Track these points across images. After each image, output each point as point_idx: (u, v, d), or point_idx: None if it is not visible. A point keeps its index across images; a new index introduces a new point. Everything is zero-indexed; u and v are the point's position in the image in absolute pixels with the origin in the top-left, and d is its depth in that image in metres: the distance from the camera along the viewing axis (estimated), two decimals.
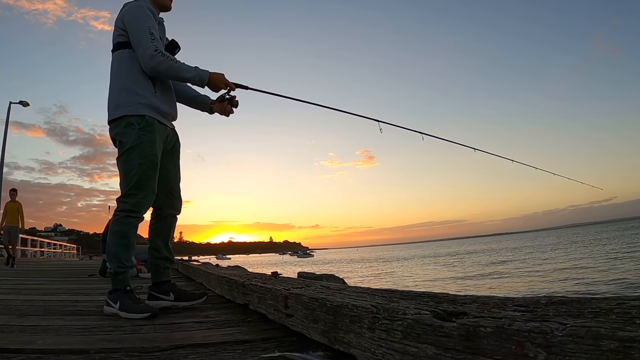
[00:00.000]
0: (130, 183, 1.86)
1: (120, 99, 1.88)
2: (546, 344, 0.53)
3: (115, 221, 1.89)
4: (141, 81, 1.89)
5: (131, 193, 1.86)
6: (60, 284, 3.92)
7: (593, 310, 0.60)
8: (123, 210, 1.88)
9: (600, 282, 11.29)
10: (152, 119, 1.89)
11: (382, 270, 25.61)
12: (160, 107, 1.93)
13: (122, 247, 1.87)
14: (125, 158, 1.87)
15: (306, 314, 1.13)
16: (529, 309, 0.67)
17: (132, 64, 1.88)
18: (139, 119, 1.86)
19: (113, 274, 1.88)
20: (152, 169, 1.88)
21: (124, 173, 1.88)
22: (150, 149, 1.87)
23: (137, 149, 1.85)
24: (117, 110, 1.88)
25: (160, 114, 1.94)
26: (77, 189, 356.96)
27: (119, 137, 1.88)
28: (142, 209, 1.91)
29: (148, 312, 1.74)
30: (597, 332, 0.49)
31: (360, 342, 0.87)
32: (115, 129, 1.89)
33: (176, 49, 2.07)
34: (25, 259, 15.21)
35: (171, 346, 1.22)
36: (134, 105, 1.86)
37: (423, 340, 0.70)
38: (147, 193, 1.88)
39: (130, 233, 1.89)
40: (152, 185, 1.90)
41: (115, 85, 1.91)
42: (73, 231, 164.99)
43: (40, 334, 1.41)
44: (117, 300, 1.81)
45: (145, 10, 1.90)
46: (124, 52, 1.91)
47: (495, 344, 0.59)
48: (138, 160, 1.85)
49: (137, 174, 1.85)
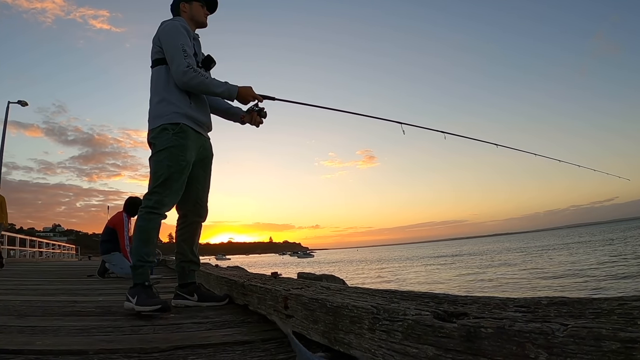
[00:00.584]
0: (157, 182, 1.97)
1: (159, 110, 2.03)
2: (547, 345, 0.53)
3: (138, 217, 2.00)
4: (178, 94, 2.03)
5: (155, 191, 1.97)
6: (59, 284, 3.92)
7: (594, 311, 0.60)
8: (146, 207, 1.98)
9: (601, 282, 11.28)
10: (187, 127, 2.02)
11: (383, 270, 25.61)
12: (196, 116, 2.07)
13: (142, 242, 1.96)
14: (155, 159, 2.01)
15: (306, 315, 1.13)
16: (530, 310, 0.67)
17: (169, 78, 2.03)
18: (174, 126, 2.00)
19: (132, 267, 1.96)
20: (180, 172, 1.99)
21: (153, 172, 2.01)
22: (180, 153, 1.99)
23: (167, 151, 1.97)
24: (156, 120, 2.03)
25: (195, 123, 2.07)
26: (75, 189, 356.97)
27: (153, 140, 2.02)
28: (164, 207, 2.00)
29: (159, 304, 1.81)
30: (598, 333, 0.49)
31: (360, 343, 0.87)
32: (151, 134, 2.04)
33: (212, 64, 2.20)
34: (23, 259, 15.21)
35: (170, 347, 1.22)
36: (170, 114, 2.01)
37: (423, 341, 0.70)
38: (170, 192, 1.99)
39: (150, 228, 1.98)
40: (176, 187, 2.00)
41: (155, 98, 2.07)
42: (72, 231, 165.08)
43: (38, 334, 1.41)
44: (134, 295, 1.88)
45: (179, 28, 2.03)
46: (161, 67, 2.06)
47: (496, 344, 0.59)
48: (167, 162, 1.97)
49: (164, 175, 1.96)
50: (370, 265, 33.82)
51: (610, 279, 11.99)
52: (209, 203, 2.28)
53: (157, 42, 2.06)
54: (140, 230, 1.97)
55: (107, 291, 3.16)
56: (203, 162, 2.19)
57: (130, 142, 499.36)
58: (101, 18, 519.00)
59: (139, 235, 1.97)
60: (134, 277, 1.94)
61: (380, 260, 42.45)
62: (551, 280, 12.85)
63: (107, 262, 5.01)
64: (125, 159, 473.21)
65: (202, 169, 2.19)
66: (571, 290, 10.55)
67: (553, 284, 12.03)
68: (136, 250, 1.95)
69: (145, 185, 2.11)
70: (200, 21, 2.17)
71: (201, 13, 2.16)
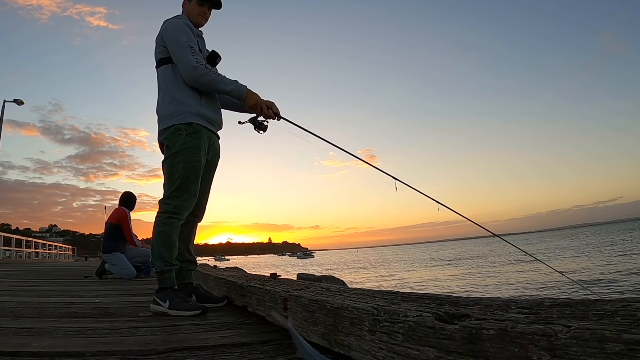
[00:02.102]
0: (174, 186, 1.99)
1: (170, 110, 2.02)
2: (550, 347, 0.53)
3: (159, 222, 2.02)
4: (188, 92, 2.02)
5: (174, 195, 1.99)
6: (56, 285, 3.92)
7: (598, 313, 0.60)
8: (166, 212, 2.01)
9: (605, 283, 11.27)
10: (200, 127, 2.02)
11: (384, 271, 25.61)
12: (208, 114, 2.07)
13: (167, 247, 1.99)
14: (170, 162, 2.01)
15: (306, 317, 1.13)
16: (532, 312, 0.67)
17: (176, 77, 2.02)
18: (187, 127, 1.99)
19: (160, 272, 1.98)
20: (196, 173, 2.02)
21: (168, 176, 2.02)
22: (195, 155, 2.00)
23: (182, 153, 1.98)
24: (168, 121, 2.02)
25: (207, 121, 2.07)
26: (72, 189, 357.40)
27: (166, 142, 2.02)
28: (184, 211, 2.03)
29: (199, 309, 1.85)
30: (602, 335, 0.49)
31: (361, 345, 0.87)
32: (164, 135, 2.03)
33: (217, 59, 2.18)
34: (20, 260, 15.21)
35: (169, 349, 1.22)
36: (182, 114, 2.00)
37: (425, 343, 0.70)
38: (189, 197, 2.01)
39: (173, 233, 2.01)
40: (194, 190, 2.03)
41: (165, 98, 2.06)
42: (69, 232, 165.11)
43: (35, 336, 1.41)
44: (166, 299, 1.91)
45: (182, 26, 2.02)
46: (167, 67, 2.05)
47: (498, 347, 0.59)
48: (183, 164, 1.98)
49: (180, 177, 1.98)
50: (370, 266, 33.82)
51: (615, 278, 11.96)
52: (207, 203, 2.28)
53: (161, 42, 2.05)
54: (164, 235, 1.98)
55: (105, 293, 3.16)
56: (209, 162, 2.18)
57: (128, 141, 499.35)
58: (98, 15, 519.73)
59: (162, 240, 1.98)
60: (161, 281, 1.97)
61: (381, 261, 42.46)
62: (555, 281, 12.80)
63: (108, 263, 4.96)
64: (122, 158, 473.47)
65: (207, 170, 2.17)
66: (574, 292, 10.47)
67: (556, 285, 11.97)
68: (161, 255, 1.97)
69: (143, 185, 2.11)
70: (194, 20, 2.13)
71: (195, 12, 2.12)
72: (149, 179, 75.34)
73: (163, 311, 1.88)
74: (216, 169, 2.27)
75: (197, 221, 2.26)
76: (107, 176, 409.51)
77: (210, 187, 2.27)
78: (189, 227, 2.23)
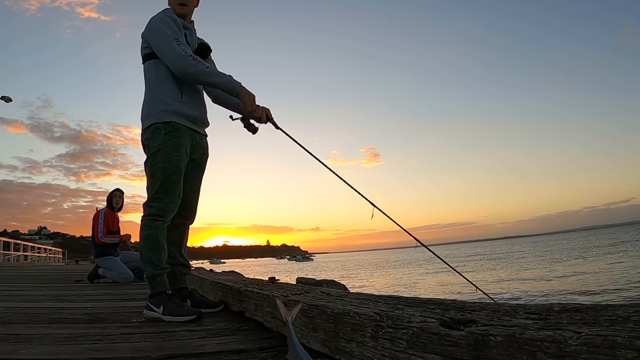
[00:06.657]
0: (155, 186, 1.99)
1: (149, 108, 2.05)
2: (560, 354, 0.53)
3: (143, 226, 2.02)
4: (168, 89, 2.03)
5: (157, 197, 1.99)
6: (45, 290, 3.92)
7: (609, 318, 0.60)
8: (149, 215, 2.01)
9: (617, 289, 11.25)
10: (179, 125, 2.02)
11: (386, 275, 25.60)
12: (187, 111, 2.06)
13: (154, 250, 1.99)
14: (150, 162, 2.02)
15: (305, 322, 1.13)
16: (541, 317, 0.67)
17: (158, 73, 2.03)
18: (166, 125, 2.00)
19: (150, 277, 1.98)
20: (177, 173, 2.01)
21: (150, 176, 2.03)
22: (174, 153, 1.99)
23: (161, 153, 1.98)
24: (147, 120, 2.04)
25: (187, 119, 2.06)
26: (62, 189, 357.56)
27: (147, 142, 2.04)
28: (169, 213, 2.03)
29: (194, 315, 1.85)
30: (613, 341, 0.49)
31: (362, 352, 0.87)
32: (144, 135, 2.05)
33: (208, 51, 2.19)
34: (7, 263, 15.20)
35: (163, 356, 1.22)
36: (159, 113, 2.01)
37: (429, 349, 0.70)
38: (172, 198, 2.01)
39: (159, 235, 2.00)
40: (177, 190, 2.02)
41: (146, 96, 2.09)
42: (58, 234, 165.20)
43: (23, 343, 1.41)
44: (159, 304, 1.91)
45: (164, 19, 2.02)
46: (150, 62, 2.06)
47: (505, 353, 0.59)
48: (162, 164, 1.98)
49: (161, 177, 1.98)
50: (372, 269, 33.82)
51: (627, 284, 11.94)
52: (200, 204, 2.27)
53: (145, 37, 2.05)
54: (150, 238, 1.98)
55: (96, 297, 3.16)
56: (196, 162, 2.18)
57: (121, 139, 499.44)
58: (89, 6, 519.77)
59: (149, 243, 1.98)
60: (152, 286, 1.97)
61: (384, 264, 42.46)
62: (563, 285, 12.80)
63: (102, 267, 4.90)
64: (115, 157, 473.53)
65: (194, 170, 2.18)
66: (585, 296, 10.46)
67: (566, 289, 11.97)
68: (150, 259, 1.96)
69: (137, 185, 2.12)
70: (176, 12, 2.10)
71: (176, 2, 2.10)
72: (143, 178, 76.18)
73: (157, 316, 1.88)
74: (205, 169, 2.26)
75: (188, 223, 2.26)
76: (98, 176, 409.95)
77: (200, 187, 2.26)
78: (180, 230, 2.23)
